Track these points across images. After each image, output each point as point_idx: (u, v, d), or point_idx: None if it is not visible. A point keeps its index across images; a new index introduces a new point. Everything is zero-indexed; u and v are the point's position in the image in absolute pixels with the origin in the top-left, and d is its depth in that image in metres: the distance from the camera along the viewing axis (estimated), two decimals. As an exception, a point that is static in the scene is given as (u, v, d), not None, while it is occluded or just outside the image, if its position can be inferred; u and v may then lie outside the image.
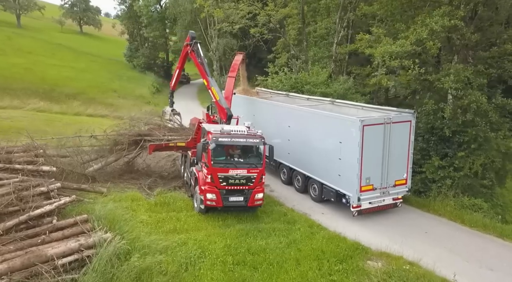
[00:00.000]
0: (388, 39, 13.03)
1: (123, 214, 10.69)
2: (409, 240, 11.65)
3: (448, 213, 13.97)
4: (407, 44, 12.52)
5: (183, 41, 55.26)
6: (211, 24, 49.87)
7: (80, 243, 8.39)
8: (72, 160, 14.24)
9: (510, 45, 14.21)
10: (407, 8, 14.74)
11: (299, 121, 15.21)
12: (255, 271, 9.64)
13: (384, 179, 13.00)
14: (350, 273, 9.75)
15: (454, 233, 12.65)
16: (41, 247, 8.10)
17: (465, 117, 14.71)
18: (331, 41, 31.74)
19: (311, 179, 14.96)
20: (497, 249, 11.65)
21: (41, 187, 9.89)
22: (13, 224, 8.32)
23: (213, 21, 48.76)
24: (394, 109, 13.98)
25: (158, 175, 17.11)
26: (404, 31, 14.16)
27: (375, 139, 12.45)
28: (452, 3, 13.88)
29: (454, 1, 13.86)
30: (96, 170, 15.26)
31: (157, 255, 9.08)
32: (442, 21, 12.69)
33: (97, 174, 15.05)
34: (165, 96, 53.31)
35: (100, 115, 38.37)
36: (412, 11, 14.40)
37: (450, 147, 15.29)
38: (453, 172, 14.85)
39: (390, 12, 15.20)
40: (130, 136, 15.17)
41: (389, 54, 12.70)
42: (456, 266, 10.01)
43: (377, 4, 16.23)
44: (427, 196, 14.97)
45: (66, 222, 9.13)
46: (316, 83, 22.72)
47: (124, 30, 66.47)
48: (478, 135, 14.91)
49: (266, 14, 24.20)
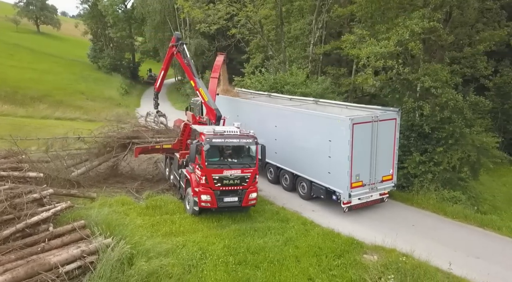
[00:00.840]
0: (373, 40, 13.49)
1: (118, 218, 10.45)
2: (398, 233, 12.06)
3: (431, 206, 14.63)
4: (391, 45, 13.03)
5: (153, 42, 54.46)
6: (181, 25, 49.45)
7: (82, 250, 8.16)
8: (56, 165, 13.72)
9: (481, 46, 15.12)
10: (386, 11, 15.28)
11: (287, 121, 15.40)
12: (257, 270, 9.71)
13: (372, 175, 13.45)
14: (349, 267, 10.02)
15: (438, 224, 13.27)
16: (42, 255, 7.82)
17: (443, 114, 15.45)
18: (305, 42, 32.35)
19: (300, 177, 15.20)
20: (480, 238, 12.33)
21: (33, 193, 9.51)
22: (11, 233, 7.97)
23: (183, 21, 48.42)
24: (378, 108, 14.47)
25: (143, 178, 16.82)
26: (384, 32, 14.69)
27: (363, 137, 12.86)
28: (429, 6, 14.54)
29: (430, 4, 14.52)
30: (80, 174, 14.80)
31: (160, 258, 8.96)
32: (422, 23, 13.30)
33: (81, 179, 14.62)
34: (134, 97, 52.26)
35: (70, 118, 37.13)
36: (392, 13, 14.95)
37: (429, 143, 16.01)
38: (433, 166, 15.57)
39: (370, 14, 15.72)
40: (119, 138, 14.81)
41: (374, 55, 13.14)
42: (446, 255, 10.46)
43: (356, 6, 16.70)
44: (410, 190, 15.60)
45: (64, 228, 8.84)
46: (296, 83, 23.06)
47: (88, 30, 63.83)
48: (454, 131, 15.71)
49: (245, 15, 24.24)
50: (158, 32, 50.95)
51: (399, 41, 13.41)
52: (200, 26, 25.92)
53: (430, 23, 13.31)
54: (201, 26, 25.71)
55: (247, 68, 33.09)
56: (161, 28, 50.76)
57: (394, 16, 14.86)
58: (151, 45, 54.94)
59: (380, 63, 13.22)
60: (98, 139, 15.12)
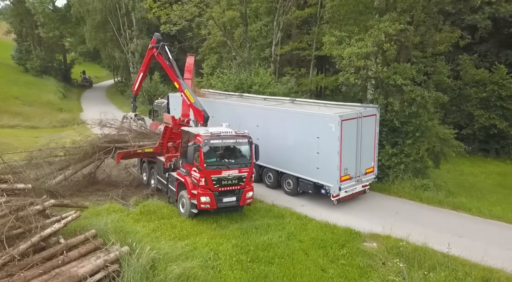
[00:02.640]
0: (353, 42, 14.30)
1: (123, 226, 10.14)
2: (386, 220, 12.84)
3: (406, 194, 15.79)
4: (369, 46, 13.92)
5: (93, 42, 51.70)
6: (124, 25, 47.59)
7: (104, 259, 7.88)
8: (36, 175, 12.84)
9: (441, 47, 16.64)
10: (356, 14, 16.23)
11: (270, 121, 15.71)
12: (271, 265, 9.93)
13: (358, 168, 14.24)
14: (355, 256, 10.58)
15: (418, 210, 14.39)
16: (65, 268, 7.44)
17: (410, 109, 16.75)
18: (262, 43, 33.00)
19: (285, 174, 15.61)
20: (457, 219, 13.58)
21: (35, 205, 8.93)
22: (27, 247, 7.47)
23: (127, 21, 46.60)
24: (356, 105, 15.34)
25: (124, 184, 16.25)
26: (357, 33, 15.61)
27: (350, 132, 13.58)
28: (395, 10, 15.72)
29: (397, 9, 15.71)
30: (58, 183, 13.98)
31: (179, 262, 8.86)
32: (395, 25, 14.37)
33: (60, 188, 13.82)
34: (74, 101, 49.44)
35: (9, 126, 34.62)
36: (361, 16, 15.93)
37: (399, 136, 17.22)
38: (404, 158, 16.79)
39: (342, 17, 16.61)
40: (104, 143, 14.18)
41: (356, 55, 13.95)
42: (433, 237, 11.30)
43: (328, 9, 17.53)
44: (386, 181, 16.68)
45: (77, 239, 8.44)
46: (264, 84, 23.48)
47: (11, 29, 57.49)
48: (421, 125, 17.08)
49: (211, 17, 24.20)
50: (99, 32, 48.63)
51: (374, 42, 14.34)
52: (165, 27, 25.40)
53: (401, 25, 14.43)
54: (165, 27, 25.20)
55: (205, 69, 33.07)
56: (102, 28, 48.49)
57: (365, 19, 15.83)
58: (91, 46, 52.16)
59: (361, 63, 14.07)
60: (84, 146, 14.35)
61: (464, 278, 9.25)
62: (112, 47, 50.05)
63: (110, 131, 15.25)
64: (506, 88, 27.63)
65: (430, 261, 9.99)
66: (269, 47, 31.31)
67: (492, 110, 28.19)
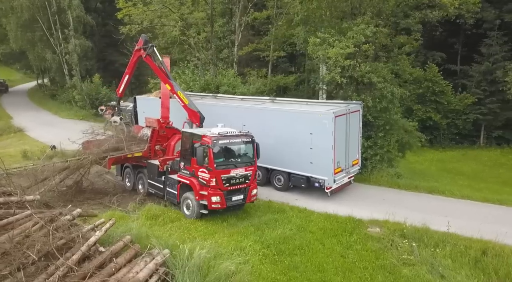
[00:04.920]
0: (337, 43, 15.26)
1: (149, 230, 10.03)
2: (377, 207, 14.03)
3: (385, 182, 17.17)
4: (351, 47, 14.99)
5: (19, 42, 47.39)
6: (56, 24, 44.28)
7: (155, 263, 7.89)
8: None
9: (406, 48, 18.31)
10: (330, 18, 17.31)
11: (258, 119, 16.08)
12: (295, 256, 10.49)
13: (347, 160, 15.24)
14: (365, 241, 11.50)
15: (400, 196, 15.76)
16: (119, 275, 7.35)
17: (381, 105, 18.19)
18: (218, 44, 33.19)
19: (275, 171, 16.14)
20: (434, 201, 15.11)
21: (64, 215, 8.57)
22: (79, 257, 7.23)
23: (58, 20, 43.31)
24: (340, 102, 16.33)
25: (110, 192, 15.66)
26: (334, 35, 16.66)
27: (341, 127, 14.51)
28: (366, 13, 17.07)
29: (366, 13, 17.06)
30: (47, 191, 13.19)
31: (217, 260, 9.04)
32: (370, 28, 15.62)
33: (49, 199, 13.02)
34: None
35: None
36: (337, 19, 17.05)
37: (371, 130, 18.61)
38: (378, 149, 18.21)
39: (318, 19, 17.55)
40: (101, 152, 13.59)
41: (341, 55, 14.93)
42: (426, 218, 12.57)
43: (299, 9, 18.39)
44: (365, 172, 17.93)
45: (118, 246, 8.28)
46: (233, 84, 23.74)
47: None
48: (390, 119, 18.64)
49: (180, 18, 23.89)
50: (26, 31, 44.91)
51: (353, 43, 15.46)
52: (129, 27, 24.53)
53: (376, 27, 15.72)
54: (130, 27, 24.36)
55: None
56: (29, 27, 44.80)
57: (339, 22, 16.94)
58: (17, 46, 47.89)
59: (347, 62, 15.08)
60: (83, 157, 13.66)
61: (466, 250, 10.54)
62: (42, 48, 46.36)
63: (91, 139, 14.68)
64: (438, 85, 31.22)
65: (432, 239, 11.18)
66: (226, 48, 31.65)
67: (428, 105, 31.47)
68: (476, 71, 31.80)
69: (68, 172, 13.66)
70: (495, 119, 31.45)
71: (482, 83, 31.76)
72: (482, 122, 32.04)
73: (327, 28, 16.96)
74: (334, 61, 15.11)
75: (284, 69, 35.00)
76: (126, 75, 16.39)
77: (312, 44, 15.84)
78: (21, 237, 7.18)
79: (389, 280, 9.50)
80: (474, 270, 9.87)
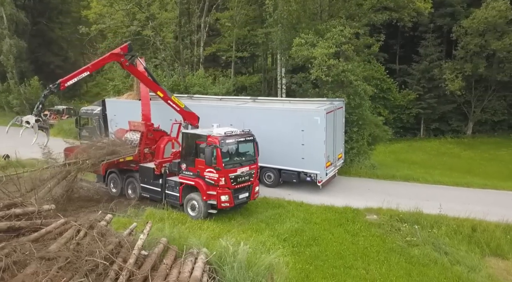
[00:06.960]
0: (321, 43, 16.05)
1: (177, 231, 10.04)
2: (366, 196, 15.09)
3: (364, 173, 18.39)
4: (333, 47, 15.89)
5: None
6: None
7: (203, 262, 8.04)
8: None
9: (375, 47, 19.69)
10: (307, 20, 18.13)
11: (246, 118, 16.38)
12: (312, 247, 11.05)
13: (334, 154, 16.12)
14: (368, 228, 12.38)
15: (382, 185, 17.00)
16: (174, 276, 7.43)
17: (355, 101, 19.40)
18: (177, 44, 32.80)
19: (265, 168, 16.56)
20: (413, 188, 16.55)
21: (98, 221, 8.37)
22: (134, 261, 7.17)
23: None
24: (322, 100, 17.20)
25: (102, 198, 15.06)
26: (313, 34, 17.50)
27: (330, 123, 15.33)
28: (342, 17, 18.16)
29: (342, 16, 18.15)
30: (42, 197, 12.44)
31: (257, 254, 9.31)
32: (348, 29, 16.67)
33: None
34: None
35: None
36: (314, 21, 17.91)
37: (347, 125, 19.71)
38: (354, 143, 19.40)
39: (295, 20, 18.24)
40: (103, 155, 13.05)
41: (325, 55, 15.74)
42: (412, 203, 13.66)
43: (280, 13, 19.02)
44: (344, 165, 18.98)
45: (159, 248, 8.28)
46: (204, 85, 23.70)
47: None
48: (363, 114, 19.93)
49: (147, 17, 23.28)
50: None
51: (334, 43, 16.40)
52: (96, 27, 23.39)
53: (353, 29, 16.81)
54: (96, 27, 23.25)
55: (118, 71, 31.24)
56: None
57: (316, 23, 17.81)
58: None
59: (333, 62, 15.93)
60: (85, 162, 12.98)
61: (458, 229, 11.82)
62: None
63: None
64: (385, 83, 33.86)
65: (427, 221, 12.35)
66: (187, 49, 31.41)
67: (377, 101, 33.87)
68: (416, 70, 34.94)
69: (60, 177, 12.97)
70: (433, 113, 35.19)
71: (421, 80, 35.12)
72: (422, 116, 35.52)
73: (305, 29, 17.73)
74: (320, 61, 15.89)
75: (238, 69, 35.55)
76: (86, 72, 14.07)
77: (296, 45, 16.51)
78: (73, 244, 6.95)
79: (403, 260, 10.39)
80: (470, 245, 11.12)
